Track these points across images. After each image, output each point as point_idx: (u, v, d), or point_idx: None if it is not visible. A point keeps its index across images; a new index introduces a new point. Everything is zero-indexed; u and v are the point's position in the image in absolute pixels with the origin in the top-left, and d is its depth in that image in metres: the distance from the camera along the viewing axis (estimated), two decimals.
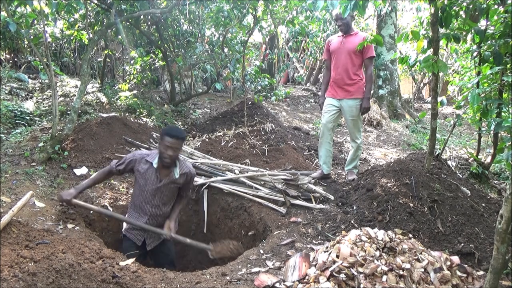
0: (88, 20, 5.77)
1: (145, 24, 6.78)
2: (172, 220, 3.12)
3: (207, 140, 5.27)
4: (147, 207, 3.06)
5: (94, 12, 5.99)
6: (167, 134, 2.91)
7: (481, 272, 2.51)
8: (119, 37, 6.84)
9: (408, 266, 2.12)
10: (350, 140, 4.36)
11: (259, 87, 7.18)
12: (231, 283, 2.40)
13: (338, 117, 4.25)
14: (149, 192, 3.03)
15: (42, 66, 4.60)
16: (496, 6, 3.18)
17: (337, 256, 2.21)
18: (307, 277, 2.23)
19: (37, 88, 6.93)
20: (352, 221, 3.25)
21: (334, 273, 2.10)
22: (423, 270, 2.14)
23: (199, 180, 4.03)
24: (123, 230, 3.21)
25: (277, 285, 2.32)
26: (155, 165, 2.99)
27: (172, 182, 3.06)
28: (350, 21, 4.06)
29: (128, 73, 8.29)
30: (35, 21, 6.25)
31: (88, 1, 5.40)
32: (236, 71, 6.49)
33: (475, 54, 3.62)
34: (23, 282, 1.93)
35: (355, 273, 2.08)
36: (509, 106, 3.43)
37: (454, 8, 3.07)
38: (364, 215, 3.30)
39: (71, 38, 7.24)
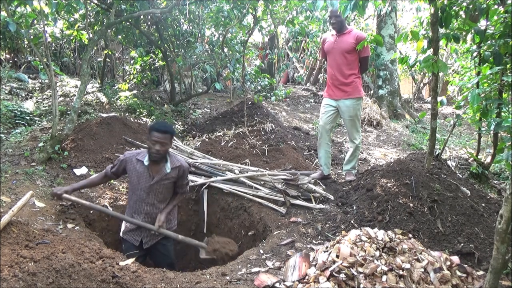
0: (88, 20, 5.76)
1: (145, 24, 6.78)
2: (163, 213, 3.08)
3: (207, 140, 5.27)
4: (142, 206, 3.05)
5: (94, 12, 5.99)
6: (154, 129, 2.92)
7: (481, 272, 2.51)
8: (119, 37, 6.83)
9: (408, 266, 2.12)
10: (349, 141, 4.34)
11: (259, 87, 7.18)
12: (231, 283, 2.40)
13: (336, 117, 4.24)
14: (143, 190, 3.03)
15: (42, 66, 4.60)
16: (496, 6, 3.18)
17: (337, 256, 2.21)
18: (307, 277, 2.23)
19: (37, 88, 6.93)
20: (352, 221, 3.25)
21: (334, 273, 2.10)
22: (423, 270, 2.14)
23: (199, 180, 4.03)
24: (121, 233, 3.21)
25: (277, 285, 2.32)
26: (146, 163, 2.99)
27: (165, 177, 3.04)
28: (343, 20, 4.02)
29: (128, 73, 8.30)
30: (35, 21, 6.24)
31: (88, 1, 5.40)
32: (236, 71, 6.49)
33: (475, 54, 3.62)
34: (23, 282, 1.93)
35: (355, 273, 2.08)
36: (509, 106, 3.43)
37: (454, 8, 3.08)
38: (364, 215, 3.30)
39: (71, 38, 7.24)
